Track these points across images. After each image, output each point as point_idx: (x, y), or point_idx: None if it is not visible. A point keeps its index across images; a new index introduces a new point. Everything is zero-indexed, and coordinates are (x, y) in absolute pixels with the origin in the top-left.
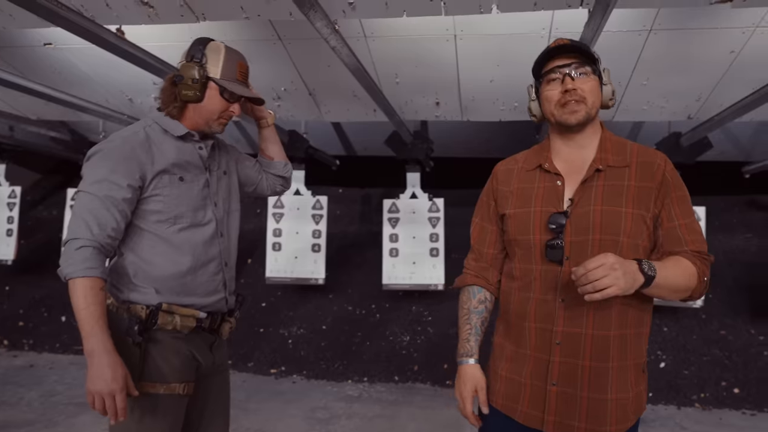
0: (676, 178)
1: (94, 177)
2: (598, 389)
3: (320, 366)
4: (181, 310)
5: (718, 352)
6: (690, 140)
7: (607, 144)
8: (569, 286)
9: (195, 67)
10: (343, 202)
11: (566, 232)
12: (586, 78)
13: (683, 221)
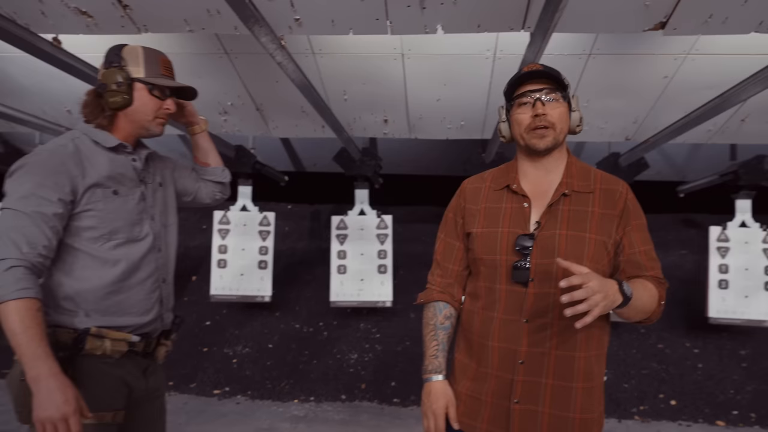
0: (636, 206)
1: (20, 192)
2: (561, 407)
3: (266, 386)
4: (111, 333)
5: (657, 366)
6: (628, 160)
7: (573, 169)
8: (534, 307)
9: (116, 71)
10: (291, 218)
11: (532, 255)
12: (556, 104)
13: (643, 248)
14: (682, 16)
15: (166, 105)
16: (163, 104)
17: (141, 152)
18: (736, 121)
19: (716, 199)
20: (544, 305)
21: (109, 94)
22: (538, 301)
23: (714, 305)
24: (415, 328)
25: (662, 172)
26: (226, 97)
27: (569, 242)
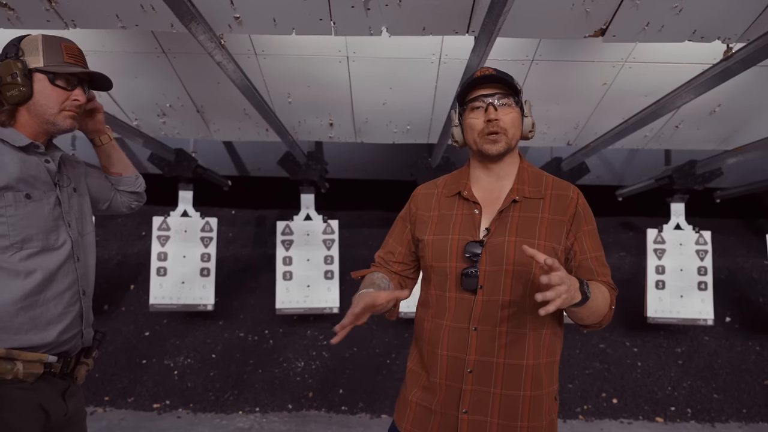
0: (587, 212)
1: None
2: (509, 417)
3: (209, 397)
4: (23, 354)
5: (599, 365)
6: (570, 165)
7: (525, 175)
8: (483, 315)
9: (11, 63)
10: (235, 224)
11: (481, 262)
12: (508, 109)
13: (594, 254)
14: (621, 24)
15: (74, 95)
16: (70, 95)
17: (54, 153)
18: (671, 127)
19: (653, 203)
20: (493, 313)
21: (6, 88)
22: (487, 309)
23: (652, 305)
24: (362, 335)
25: (602, 176)
26: (164, 99)
27: (518, 249)
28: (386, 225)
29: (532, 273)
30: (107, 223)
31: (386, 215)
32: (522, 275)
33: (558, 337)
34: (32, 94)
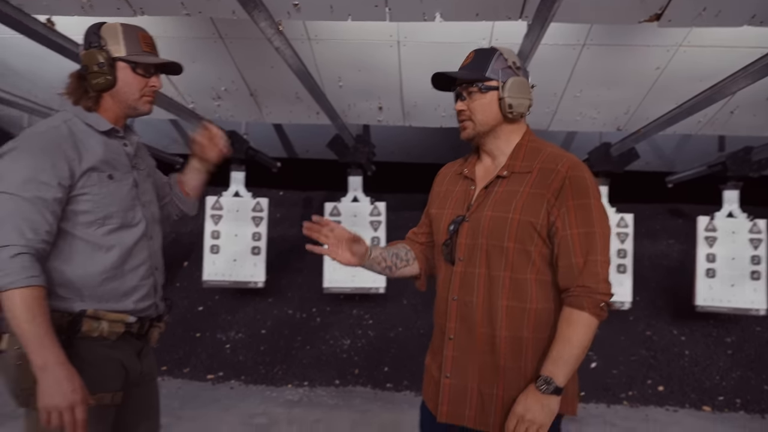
0: (579, 186)
1: (17, 176)
2: (486, 383)
3: (259, 371)
4: (108, 315)
5: (645, 352)
6: (619, 150)
7: (521, 151)
8: (461, 285)
9: (96, 52)
10: (283, 204)
11: (461, 235)
12: (477, 95)
13: (577, 230)
14: (677, 9)
15: (152, 82)
16: (149, 82)
17: (131, 137)
18: (726, 112)
19: (704, 190)
20: (470, 284)
21: (92, 76)
22: (465, 280)
23: (701, 293)
24: (408, 314)
25: (651, 162)
26: (220, 83)
27: (492, 223)
28: None
29: (505, 247)
30: None
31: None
32: (495, 249)
33: (551, 314)
34: (116, 82)
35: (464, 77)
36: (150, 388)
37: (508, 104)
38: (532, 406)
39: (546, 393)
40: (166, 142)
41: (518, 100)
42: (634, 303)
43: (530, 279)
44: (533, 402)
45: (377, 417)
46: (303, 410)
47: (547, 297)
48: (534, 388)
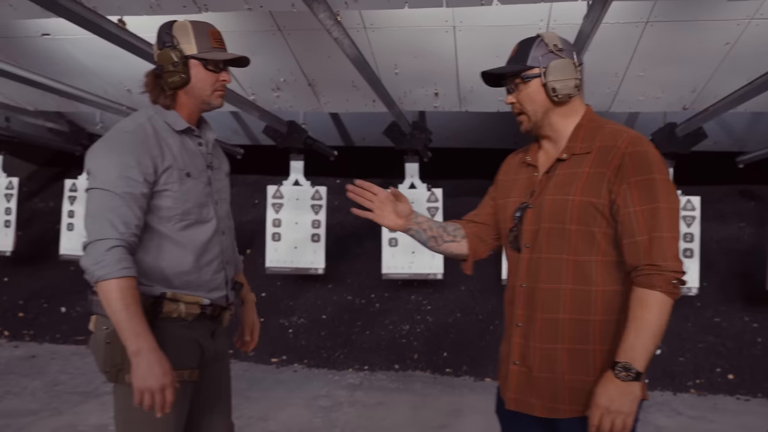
0: (640, 162)
1: (110, 174)
2: (549, 369)
3: (321, 355)
4: (185, 297)
5: (713, 339)
6: (685, 131)
7: (581, 132)
8: (527, 272)
9: (170, 51)
10: (341, 192)
11: (526, 221)
12: (522, 86)
13: (640, 207)
14: None
15: (222, 77)
16: (219, 77)
17: (208, 134)
18: None
19: None
20: (535, 270)
21: (168, 75)
22: (531, 266)
23: None
24: (465, 300)
25: (720, 142)
26: (279, 74)
27: (553, 206)
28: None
29: (566, 229)
30: None
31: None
32: (557, 232)
33: (618, 295)
34: (190, 79)
35: (505, 71)
36: (223, 367)
37: (552, 88)
38: (616, 395)
39: (627, 380)
40: (227, 133)
41: (562, 82)
42: (701, 289)
43: (595, 261)
44: (615, 391)
45: (437, 400)
46: (364, 393)
47: (614, 279)
48: (613, 376)
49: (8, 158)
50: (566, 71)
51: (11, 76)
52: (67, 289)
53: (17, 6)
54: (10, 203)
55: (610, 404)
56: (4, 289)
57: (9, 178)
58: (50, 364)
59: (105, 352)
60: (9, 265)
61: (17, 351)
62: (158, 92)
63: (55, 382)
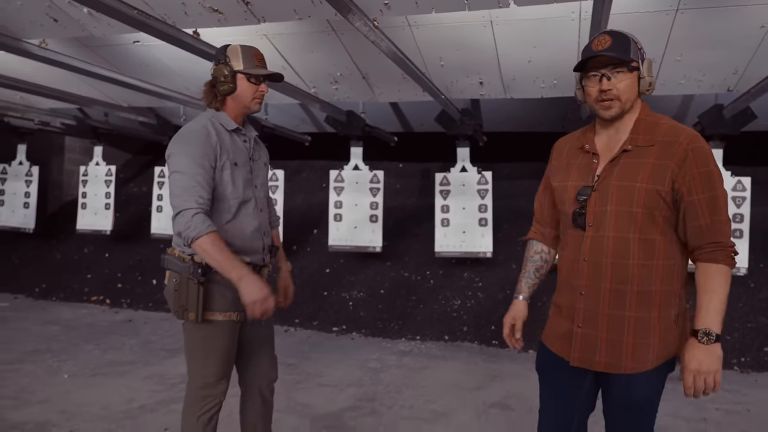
0: (702, 156)
1: (187, 161)
2: (615, 332)
3: (377, 326)
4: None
5: (764, 320)
6: (732, 112)
7: (641, 125)
8: (591, 248)
9: (223, 67)
10: (403, 176)
11: (591, 203)
12: (622, 76)
13: (703, 195)
14: None
15: (261, 88)
16: (258, 88)
17: (250, 133)
18: None
19: None
20: (600, 246)
21: (220, 84)
22: (595, 243)
23: None
24: (515, 278)
25: None
26: (335, 69)
27: (621, 191)
28: (540, 175)
29: (633, 212)
30: (294, 177)
31: (540, 166)
32: (625, 215)
33: (675, 268)
34: (236, 88)
35: (618, 57)
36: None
37: (648, 83)
38: (704, 358)
39: (710, 344)
40: (295, 122)
41: (652, 78)
42: (757, 269)
43: (657, 239)
44: (703, 355)
45: (479, 367)
46: (412, 359)
47: (673, 254)
48: (697, 342)
49: (107, 148)
50: (651, 70)
51: (109, 79)
52: (157, 263)
53: (114, 24)
54: (109, 188)
55: (699, 366)
56: (105, 263)
57: (108, 166)
58: (144, 327)
59: (174, 297)
60: (109, 243)
61: (117, 316)
62: (211, 97)
63: (148, 341)
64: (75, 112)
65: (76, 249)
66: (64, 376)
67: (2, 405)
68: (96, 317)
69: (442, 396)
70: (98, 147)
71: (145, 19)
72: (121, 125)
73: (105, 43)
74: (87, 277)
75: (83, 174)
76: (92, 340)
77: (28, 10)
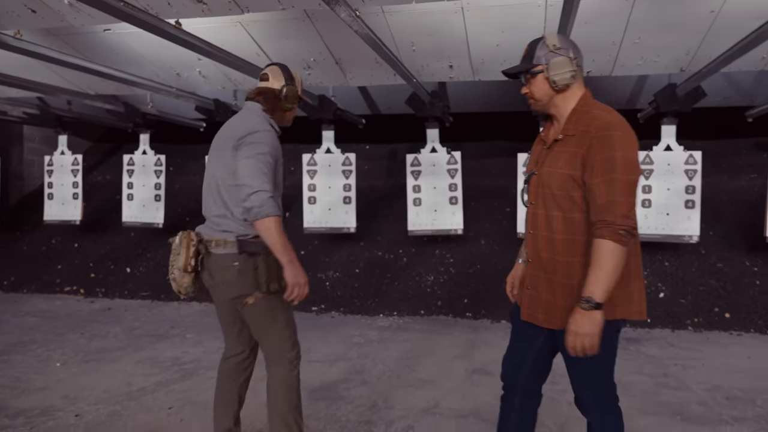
0: (605, 143)
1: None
2: (550, 294)
3: (355, 303)
4: None
5: (714, 283)
6: (684, 90)
7: (573, 116)
8: (532, 223)
9: (293, 89)
10: (371, 157)
11: (532, 185)
12: (532, 81)
13: (602, 179)
14: None
15: (295, 110)
16: (295, 108)
17: None
18: None
19: None
20: (537, 221)
21: (288, 103)
22: (534, 219)
23: None
24: (485, 253)
25: (731, 98)
26: (309, 55)
27: (548, 176)
28: (507, 155)
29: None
30: None
31: (507, 144)
32: (549, 195)
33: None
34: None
35: (516, 71)
36: None
37: (552, 81)
38: (581, 321)
39: (589, 309)
40: None
41: (560, 75)
42: (707, 237)
43: (577, 218)
44: (581, 319)
45: (456, 338)
46: (392, 333)
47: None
48: (579, 307)
49: (71, 137)
50: (563, 66)
51: (76, 67)
52: (129, 252)
53: (94, 15)
54: (77, 177)
55: (577, 328)
56: (75, 253)
57: (74, 155)
58: (125, 314)
59: (253, 275)
60: (77, 233)
61: (94, 305)
62: (276, 107)
63: (132, 328)
64: (34, 100)
65: (44, 240)
66: (56, 365)
67: (1, 394)
68: (73, 307)
69: (427, 365)
70: (63, 136)
71: (129, 10)
72: (85, 113)
73: (74, 32)
74: (57, 268)
75: (48, 164)
76: (75, 329)
77: (5, 1)
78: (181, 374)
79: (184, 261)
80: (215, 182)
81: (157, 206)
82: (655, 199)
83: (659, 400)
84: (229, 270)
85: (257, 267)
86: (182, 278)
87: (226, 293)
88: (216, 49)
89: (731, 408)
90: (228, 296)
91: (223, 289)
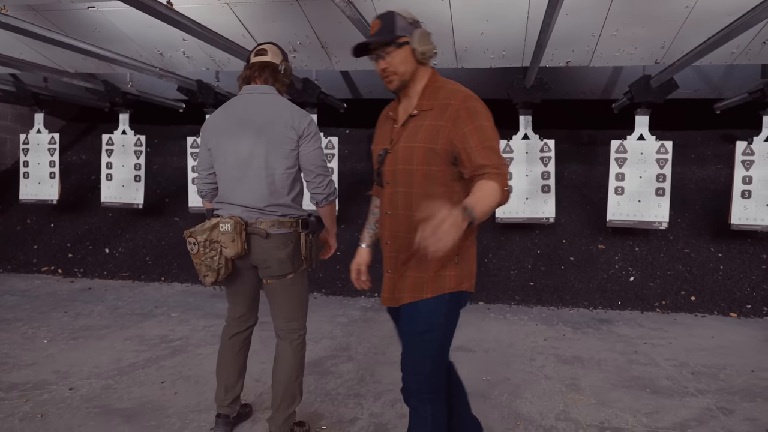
0: (473, 114)
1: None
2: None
3: (337, 285)
4: None
5: (681, 268)
6: (658, 82)
7: (427, 91)
8: (390, 202)
9: (290, 67)
10: (351, 141)
11: (387, 163)
12: (394, 53)
13: (480, 145)
14: None
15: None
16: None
17: None
18: (758, 42)
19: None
20: (396, 201)
21: (285, 77)
22: (392, 198)
23: (736, 213)
24: None
25: (700, 90)
26: (295, 38)
27: (405, 152)
28: None
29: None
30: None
31: None
32: (409, 171)
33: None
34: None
35: (383, 40)
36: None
37: (421, 52)
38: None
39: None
40: None
41: (426, 46)
42: (675, 224)
43: (438, 192)
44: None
45: None
46: (375, 313)
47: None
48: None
49: (47, 116)
50: (427, 39)
51: (57, 43)
52: (107, 232)
53: None
54: (54, 156)
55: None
56: (51, 233)
57: (51, 133)
58: (106, 294)
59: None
60: (52, 212)
61: (74, 285)
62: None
63: (115, 307)
64: (7, 77)
65: (18, 220)
66: (43, 341)
67: None
68: (53, 287)
69: None
70: (39, 114)
71: None
72: (61, 91)
73: (57, 8)
74: (33, 248)
75: (24, 142)
76: (58, 307)
77: None
78: (170, 351)
79: (240, 247)
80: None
81: (136, 187)
82: (628, 186)
83: (630, 374)
84: (285, 249)
85: (310, 245)
86: (228, 265)
87: (277, 271)
88: (204, 29)
89: (696, 382)
90: (276, 273)
91: (275, 267)
